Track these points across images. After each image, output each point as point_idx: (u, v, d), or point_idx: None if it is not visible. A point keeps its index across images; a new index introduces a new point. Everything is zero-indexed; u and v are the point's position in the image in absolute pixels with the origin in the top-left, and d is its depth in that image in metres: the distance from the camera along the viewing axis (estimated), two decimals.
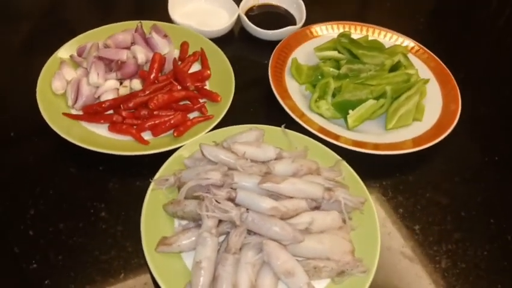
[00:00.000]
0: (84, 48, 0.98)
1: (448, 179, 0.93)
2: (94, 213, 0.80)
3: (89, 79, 0.90)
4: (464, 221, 0.86)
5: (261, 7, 1.19)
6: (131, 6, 1.24)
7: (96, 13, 1.21)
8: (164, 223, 0.76)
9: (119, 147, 0.84)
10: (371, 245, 0.76)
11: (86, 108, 0.89)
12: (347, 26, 1.13)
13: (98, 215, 0.80)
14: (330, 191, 0.76)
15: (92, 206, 0.81)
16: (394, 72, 0.97)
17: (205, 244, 0.70)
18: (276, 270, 0.69)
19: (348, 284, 0.72)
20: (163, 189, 0.79)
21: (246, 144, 0.81)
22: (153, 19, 1.06)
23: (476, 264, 0.81)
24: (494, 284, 0.79)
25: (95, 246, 0.77)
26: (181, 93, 0.91)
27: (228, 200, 0.73)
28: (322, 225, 0.73)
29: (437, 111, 0.98)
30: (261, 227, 0.70)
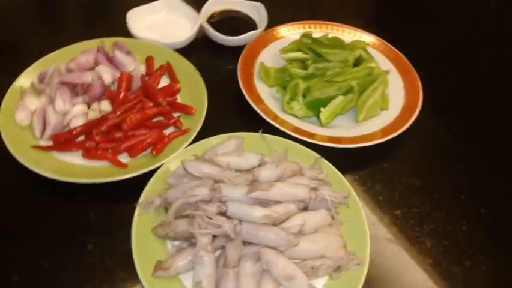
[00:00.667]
0: (45, 74, 0.94)
1: (420, 162, 0.97)
2: (79, 247, 0.78)
3: (55, 106, 0.87)
4: (440, 201, 0.91)
5: (222, 13, 1.19)
6: (86, 25, 1.20)
7: (49, 34, 1.17)
8: (156, 247, 0.75)
9: (96, 174, 0.82)
10: (360, 237, 0.78)
11: (55, 137, 0.86)
12: (308, 26, 1.15)
13: (83, 248, 0.78)
14: (316, 190, 0.77)
15: (76, 240, 0.79)
16: (357, 67, 1.00)
17: (203, 263, 0.70)
18: (276, 276, 0.70)
19: (346, 278, 0.74)
20: (150, 213, 0.78)
21: (228, 154, 0.82)
22: (113, 36, 1.04)
23: (457, 240, 0.85)
24: (475, 256, 0.83)
25: (85, 282, 0.74)
26: (154, 110, 0.90)
27: (219, 214, 0.73)
28: (313, 225, 0.75)
29: (401, 100, 1.02)
30: (255, 237, 0.71)
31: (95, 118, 0.90)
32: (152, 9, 1.14)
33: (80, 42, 1.02)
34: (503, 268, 0.83)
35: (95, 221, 0.81)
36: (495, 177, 0.96)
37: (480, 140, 1.03)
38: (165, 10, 1.15)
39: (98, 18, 1.22)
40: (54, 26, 1.20)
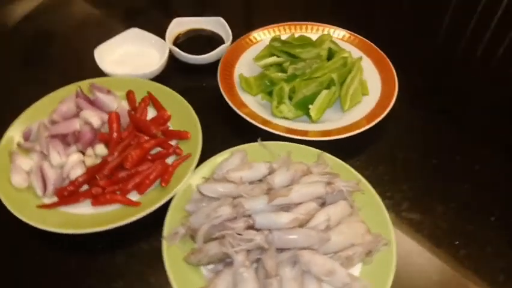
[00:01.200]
0: (30, 132, 0.91)
1: (409, 138, 1.02)
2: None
3: (52, 161, 0.85)
4: (439, 165, 0.97)
5: (187, 34, 1.20)
6: (55, 72, 1.17)
7: (21, 86, 1.13)
8: (192, 275, 0.75)
9: (109, 219, 0.81)
10: (380, 219, 0.82)
11: (59, 192, 0.84)
12: (276, 29, 1.18)
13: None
14: (330, 184, 0.80)
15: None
16: (332, 60, 1.04)
17: (245, 279, 0.71)
18: (317, 274, 0.72)
19: (378, 261, 0.77)
20: (176, 244, 0.78)
21: (238, 169, 0.83)
22: (84, 77, 1.03)
23: (466, 202, 0.91)
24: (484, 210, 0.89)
25: None
26: (151, 142, 0.90)
27: (248, 228, 0.74)
28: (337, 217, 0.78)
29: (378, 85, 1.06)
30: (288, 242, 0.73)
31: (94, 164, 0.88)
32: (117, 43, 1.13)
33: (56, 91, 1.00)
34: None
35: (122, 266, 0.80)
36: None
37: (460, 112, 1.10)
38: (130, 42, 1.14)
39: (65, 62, 1.20)
40: (24, 77, 1.16)
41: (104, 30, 1.25)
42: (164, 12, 1.39)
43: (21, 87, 1.12)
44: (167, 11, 1.39)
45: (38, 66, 1.19)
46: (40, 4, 1.38)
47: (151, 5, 1.42)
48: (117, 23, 1.30)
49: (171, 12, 1.22)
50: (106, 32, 1.15)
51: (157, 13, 1.38)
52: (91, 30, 1.30)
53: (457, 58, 1.25)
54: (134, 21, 1.22)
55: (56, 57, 1.21)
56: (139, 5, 1.41)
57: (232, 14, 1.29)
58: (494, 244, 0.84)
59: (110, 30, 1.16)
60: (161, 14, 1.37)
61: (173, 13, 1.22)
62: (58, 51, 1.24)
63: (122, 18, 1.34)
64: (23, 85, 1.13)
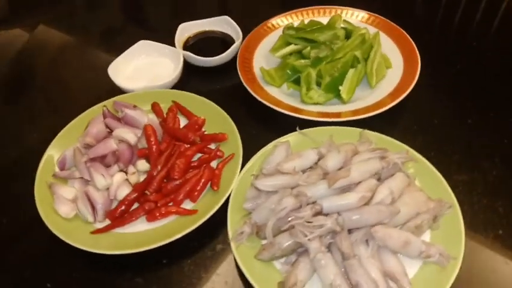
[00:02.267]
0: (64, 160, 0.89)
1: (438, 104, 1.04)
2: None
3: (97, 184, 0.83)
4: (473, 127, 0.98)
5: (195, 37, 1.19)
6: (71, 97, 1.14)
7: (43, 116, 1.10)
8: (268, 272, 0.74)
9: (168, 232, 0.79)
10: (437, 184, 0.82)
11: (111, 214, 0.82)
12: (288, 17, 1.18)
13: None
14: (385, 158, 0.80)
15: None
16: (351, 39, 1.04)
17: (325, 265, 0.70)
18: (394, 247, 0.72)
19: (445, 225, 0.77)
20: (244, 243, 0.76)
21: (289, 159, 0.82)
22: (101, 98, 1.00)
23: (508, 155, 0.92)
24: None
25: None
26: (193, 149, 0.88)
27: (316, 215, 0.74)
28: (398, 189, 0.78)
29: (399, 57, 1.06)
30: (359, 221, 0.72)
31: (138, 181, 0.86)
32: (129, 58, 1.11)
33: (80, 116, 0.98)
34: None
35: (193, 278, 0.79)
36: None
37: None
38: (141, 55, 1.12)
39: (79, 85, 1.17)
40: (41, 106, 1.13)
41: (112, 47, 1.23)
42: (168, 20, 1.37)
43: (42, 117, 1.09)
44: (171, 18, 1.37)
45: (52, 93, 1.16)
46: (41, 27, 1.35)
47: (153, 15, 1.41)
48: (124, 38, 1.26)
49: (175, 19, 1.20)
50: (115, 49, 1.13)
51: (161, 22, 1.36)
52: (99, 49, 1.28)
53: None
54: (139, 33, 1.20)
55: (69, 82, 1.19)
56: (142, 17, 1.41)
57: (237, 11, 1.27)
58: None
59: (119, 46, 1.14)
60: (166, 22, 1.35)
61: (176, 19, 1.20)
62: (69, 75, 1.21)
63: (127, 33, 1.32)
64: (42, 115, 1.10)
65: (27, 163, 0.92)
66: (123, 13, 1.43)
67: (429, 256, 0.72)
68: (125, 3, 1.47)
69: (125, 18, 1.41)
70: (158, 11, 1.40)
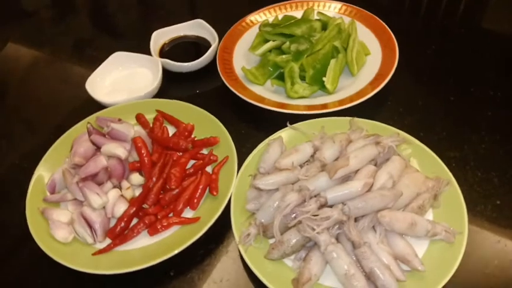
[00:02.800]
0: (53, 183, 0.86)
1: (419, 86, 1.06)
2: None
3: (93, 204, 0.80)
4: (457, 103, 1.00)
5: (170, 43, 1.17)
6: (49, 116, 1.10)
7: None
8: (280, 270, 0.74)
9: (172, 244, 0.77)
10: (432, 162, 0.83)
11: (111, 233, 0.80)
12: (258, 15, 1.17)
13: None
14: (380, 143, 0.81)
15: None
16: (328, 30, 1.04)
17: (337, 256, 0.70)
18: (401, 230, 0.73)
19: (446, 202, 0.78)
20: (252, 245, 0.76)
21: (286, 155, 0.82)
22: (81, 115, 0.98)
23: (494, 127, 0.95)
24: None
25: None
26: (186, 156, 0.87)
27: (321, 207, 0.73)
28: (398, 172, 0.78)
29: (376, 43, 1.07)
30: (365, 208, 0.73)
31: (133, 195, 0.84)
32: (105, 71, 1.08)
33: (63, 136, 0.95)
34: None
35: (203, 282, 0.77)
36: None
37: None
38: (117, 67, 1.10)
39: (56, 103, 1.13)
40: (19, 127, 1.09)
41: (85, 60, 1.21)
42: (139, 28, 1.34)
43: (19, 136, 1.06)
44: (142, 26, 1.35)
45: (28, 111, 1.12)
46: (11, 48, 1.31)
47: (123, 24, 1.38)
48: (97, 49, 1.24)
49: (147, 27, 1.18)
50: (89, 61, 1.11)
51: (132, 30, 1.34)
52: (72, 62, 1.25)
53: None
54: (112, 45, 1.17)
55: (44, 98, 1.15)
56: (112, 27, 1.37)
57: (208, 13, 1.26)
58: None
59: (92, 58, 1.11)
60: (137, 30, 1.32)
61: (148, 26, 1.18)
62: (44, 92, 1.17)
63: (100, 45, 1.28)
64: (19, 134, 1.07)
65: (8, 187, 0.90)
66: (93, 24, 1.40)
67: (435, 234, 0.73)
68: (94, 14, 1.43)
69: (96, 29, 1.38)
70: (127, 20, 1.38)
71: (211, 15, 1.22)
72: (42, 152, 0.92)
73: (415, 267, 0.71)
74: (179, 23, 1.17)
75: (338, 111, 0.94)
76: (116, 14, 1.41)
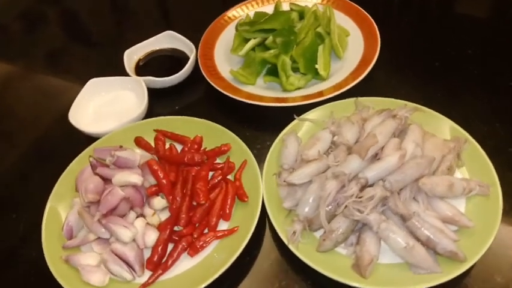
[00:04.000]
0: (70, 228, 0.79)
1: (408, 59, 1.09)
2: None
3: (123, 238, 0.75)
4: (444, 69, 1.04)
5: (145, 57, 1.12)
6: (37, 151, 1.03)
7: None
8: (336, 260, 0.73)
9: (216, 261, 0.74)
10: (445, 124, 0.86)
11: (149, 264, 0.75)
12: (228, 16, 1.16)
13: None
14: (396, 116, 0.82)
15: None
16: (305, 18, 1.04)
17: (392, 232, 0.70)
18: (442, 193, 0.74)
19: (469, 159, 0.81)
20: (303, 242, 0.74)
21: (309, 146, 0.81)
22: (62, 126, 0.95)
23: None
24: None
25: None
26: (205, 169, 0.83)
27: (362, 188, 0.73)
28: (420, 141, 0.80)
29: (353, 25, 1.09)
30: (404, 179, 0.73)
31: (159, 220, 0.80)
32: (85, 99, 1.01)
33: (62, 175, 0.88)
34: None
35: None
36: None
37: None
38: (96, 93, 1.03)
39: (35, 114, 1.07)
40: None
41: (61, 94, 1.14)
42: (109, 47, 1.28)
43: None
44: (114, 47, 1.28)
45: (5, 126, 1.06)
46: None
47: (96, 34, 1.34)
48: (71, 81, 1.17)
49: (118, 48, 1.12)
50: (64, 74, 1.08)
51: (106, 39, 1.29)
52: (47, 76, 1.19)
53: None
54: (88, 54, 1.16)
55: (23, 113, 1.09)
56: (86, 39, 1.32)
57: (177, 23, 1.22)
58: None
59: (68, 70, 1.08)
60: (108, 50, 1.26)
61: (118, 44, 1.14)
62: (21, 106, 1.10)
63: (75, 55, 1.24)
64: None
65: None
66: (65, 34, 1.35)
67: (471, 190, 0.76)
68: (65, 24, 1.39)
69: (68, 39, 1.33)
70: (100, 27, 1.34)
71: (181, 24, 1.19)
72: (23, 167, 0.90)
73: (464, 224, 0.72)
74: (150, 30, 1.13)
75: (336, 95, 0.94)
76: (88, 23, 1.37)
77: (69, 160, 0.90)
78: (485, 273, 0.73)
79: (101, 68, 1.11)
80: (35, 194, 0.89)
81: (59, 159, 0.91)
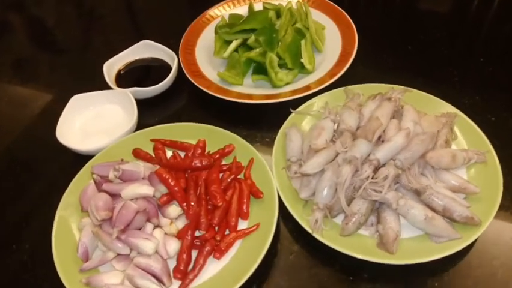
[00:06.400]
0: (85, 249, 0.76)
1: (379, 43, 1.14)
2: None
3: (147, 251, 0.73)
4: (420, 49, 1.11)
5: (124, 69, 1.10)
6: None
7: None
8: (362, 241, 0.75)
9: (244, 259, 0.74)
10: (431, 102, 0.92)
11: (177, 272, 0.74)
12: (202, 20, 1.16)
13: None
14: (391, 99, 0.86)
15: None
16: (283, 15, 1.06)
17: (410, 207, 0.74)
18: (447, 165, 0.79)
19: (461, 131, 0.87)
20: (326, 229, 0.76)
21: (315, 136, 0.83)
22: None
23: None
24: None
25: None
26: (215, 172, 0.83)
27: (376, 170, 0.76)
28: (418, 118, 0.84)
29: (326, 18, 1.13)
30: (413, 156, 0.77)
31: (177, 228, 0.78)
32: (70, 116, 0.97)
33: (64, 198, 0.84)
34: None
35: (290, 284, 0.76)
36: None
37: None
38: (79, 110, 0.99)
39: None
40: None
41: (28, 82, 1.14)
42: (81, 42, 1.25)
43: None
44: (90, 58, 1.23)
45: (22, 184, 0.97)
46: None
47: (64, 42, 1.30)
48: (38, 90, 1.14)
49: (89, 41, 1.09)
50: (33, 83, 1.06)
51: (75, 47, 1.26)
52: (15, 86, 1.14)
53: None
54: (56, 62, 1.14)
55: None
56: (53, 47, 1.29)
57: (152, 31, 1.21)
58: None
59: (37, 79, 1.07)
60: (79, 45, 1.24)
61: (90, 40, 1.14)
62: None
63: (43, 63, 1.22)
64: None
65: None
66: (31, 42, 1.31)
67: (470, 159, 0.81)
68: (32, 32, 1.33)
69: (35, 47, 1.29)
70: (68, 34, 1.31)
71: (155, 31, 1.18)
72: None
73: (472, 191, 0.78)
74: (122, 41, 1.11)
75: (324, 87, 0.97)
76: (55, 30, 1.34)
77: (56, 180, 0.87)
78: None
79: (75, 79, 1.11)
80: (33, 219, 0.85)
81: (44, 179, 0.87)
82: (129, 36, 1.15)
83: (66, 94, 1.00)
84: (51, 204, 0.84)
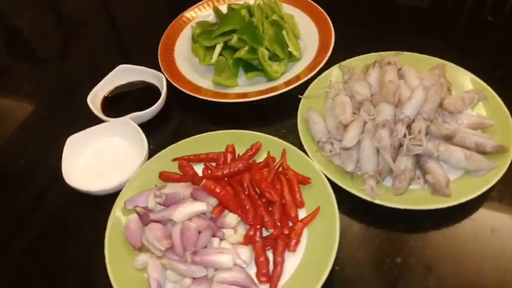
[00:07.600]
0: (158, 284, 0.71)
1: (355, 23, 1.20)
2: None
3: (227, 264, 0.70)
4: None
5: (112, 92, 1.05)
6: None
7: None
8: (414, 196, 0.79)
9: (323, 243, 0.75)
10: (423, 59, 0.98)
11: (262, 276, 0.73)
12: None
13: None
14: (391, 63, 0.92)
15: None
16: (255, 12, 1.08)
17: (450, 151, 0.80)
18: (462, 108, 0.87)
19: (451, 77, 0.95)
20: (381, 193, 0.79)
21: (341, 112, 0.87)
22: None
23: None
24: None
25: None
26: (256, 170, 0.82)
27: (408, 127, 0.82)
28: (419, 76, 0.91)
29: (299, 12, 1.15)
30: (433, 107, 0.84)
31: (241, 235, 0.77)
32: (70, 157, 0.90)
33: (108, 243, 0.78)
34: None
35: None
36: None
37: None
38: (79, 149, 0.93)
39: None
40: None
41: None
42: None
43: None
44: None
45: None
46: None
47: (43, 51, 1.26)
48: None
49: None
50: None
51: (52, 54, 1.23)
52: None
53: None
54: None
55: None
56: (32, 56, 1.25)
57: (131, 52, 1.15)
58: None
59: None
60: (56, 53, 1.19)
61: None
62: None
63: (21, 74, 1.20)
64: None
65: None
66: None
67: (473, 98, 0.90)
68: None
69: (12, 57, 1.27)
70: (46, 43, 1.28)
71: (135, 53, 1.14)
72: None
73: (488, 124, 0.86)
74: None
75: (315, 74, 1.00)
76: (33, 39, 1.32)
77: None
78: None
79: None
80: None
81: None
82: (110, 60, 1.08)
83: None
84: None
